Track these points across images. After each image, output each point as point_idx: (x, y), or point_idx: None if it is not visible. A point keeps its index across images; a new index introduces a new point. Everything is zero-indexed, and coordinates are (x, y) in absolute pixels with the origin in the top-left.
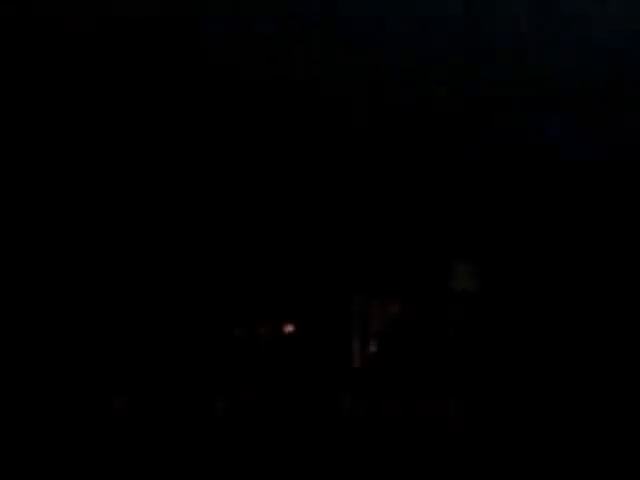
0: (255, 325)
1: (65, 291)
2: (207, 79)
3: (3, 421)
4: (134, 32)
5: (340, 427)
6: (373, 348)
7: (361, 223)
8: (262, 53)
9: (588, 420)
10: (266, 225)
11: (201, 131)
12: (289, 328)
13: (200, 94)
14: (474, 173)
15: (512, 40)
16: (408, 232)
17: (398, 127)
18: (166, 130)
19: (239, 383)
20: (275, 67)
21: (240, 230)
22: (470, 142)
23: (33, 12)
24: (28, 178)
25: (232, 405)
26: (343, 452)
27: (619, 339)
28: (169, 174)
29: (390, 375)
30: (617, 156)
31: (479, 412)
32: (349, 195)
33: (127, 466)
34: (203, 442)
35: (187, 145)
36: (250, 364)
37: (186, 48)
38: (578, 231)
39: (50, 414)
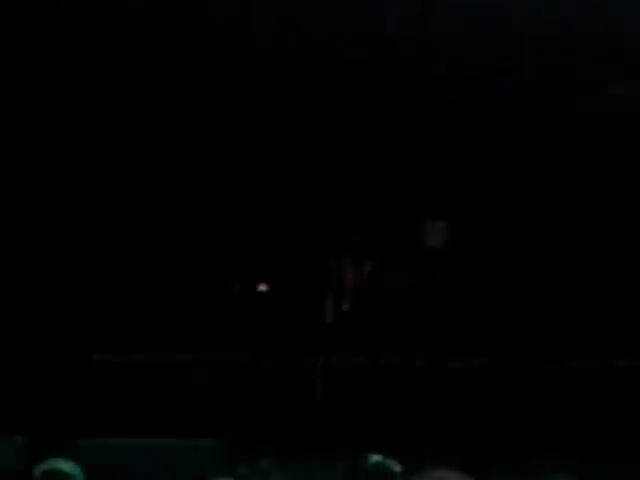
0: (230, 283)
1: (50, 251)
2: None
3: None
4: None
5: (313, 380)
6: (346, 306)
7: (336, 183)
8: None
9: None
10: (243, 186)
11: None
12: (263, 287)
13: None
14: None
15: None
16: (381, 192)
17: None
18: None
19: (215, 340)
20: None
21: (218, 191)
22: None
23: None
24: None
25: (206, 362)
26: (316, 404)
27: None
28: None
29: (362, 331)
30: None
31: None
32: (326, 158)
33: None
34: (179, 397)
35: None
36: (225, 321)
37: None
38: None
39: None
